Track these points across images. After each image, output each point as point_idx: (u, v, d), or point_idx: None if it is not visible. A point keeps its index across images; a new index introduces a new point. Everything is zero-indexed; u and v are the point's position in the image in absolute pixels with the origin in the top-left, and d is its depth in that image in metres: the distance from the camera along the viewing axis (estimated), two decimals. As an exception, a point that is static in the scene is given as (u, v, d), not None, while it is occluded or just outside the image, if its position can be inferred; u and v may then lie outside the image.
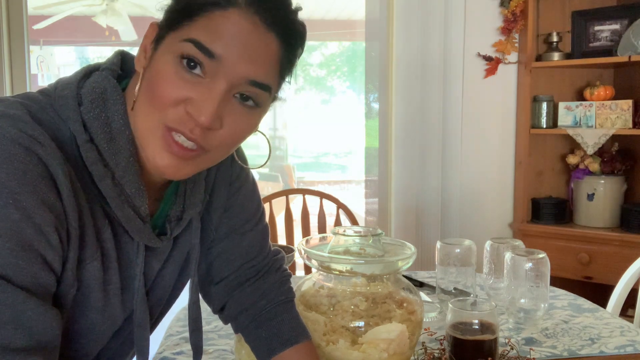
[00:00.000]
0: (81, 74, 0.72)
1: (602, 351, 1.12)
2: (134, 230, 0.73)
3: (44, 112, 0.67)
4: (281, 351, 0.86)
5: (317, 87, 6.00)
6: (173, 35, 0.67)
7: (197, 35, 0.65)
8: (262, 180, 5.32)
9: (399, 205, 2.60)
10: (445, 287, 1.36)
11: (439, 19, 2.52)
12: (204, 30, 0.65)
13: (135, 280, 0.77)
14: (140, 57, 0.71)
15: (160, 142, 0.68)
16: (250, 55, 0.66)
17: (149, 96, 0.67)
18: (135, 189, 0.71)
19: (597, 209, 2.46)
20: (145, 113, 0.68)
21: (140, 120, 0.69)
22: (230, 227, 0.90)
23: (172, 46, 0.67)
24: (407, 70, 2.54)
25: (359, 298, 0.96)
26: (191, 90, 0.66)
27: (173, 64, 0.66)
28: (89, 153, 0.67)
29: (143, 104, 0.68)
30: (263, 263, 0.93)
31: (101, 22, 3.79)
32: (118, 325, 0.79)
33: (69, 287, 0.67)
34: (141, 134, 0.69)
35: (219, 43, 0.65)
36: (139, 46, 0.73)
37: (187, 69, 0.66)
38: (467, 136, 2.65)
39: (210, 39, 0.65)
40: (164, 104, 0.66)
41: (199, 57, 0.65)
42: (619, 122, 2.36)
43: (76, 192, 0.65)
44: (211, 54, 0.65)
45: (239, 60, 0.66)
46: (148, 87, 0.68)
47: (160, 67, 0.67)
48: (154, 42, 0.70)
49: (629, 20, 2.40)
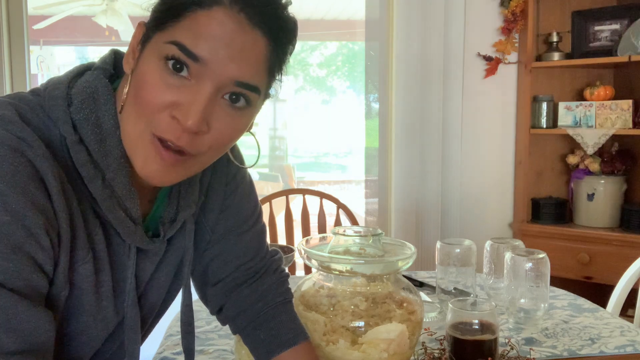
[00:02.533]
0: (73, 73, 0.72)
1: (602, 351, 1.12)
2: (125, 233, 0.72)
3: (33, 112, 0.66)
4: (279, 353, 0.86)
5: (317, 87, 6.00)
6: (159, 36, 0.66)
7: (181, 38, 0.64)
8: (262, 180, 5.33)
9: (399, 205, 2.60)
10: (445, 287, 1.36)
11: (439, 19, 2.52)
12: (188, 31, 0.64)
13: (126, 282, 0.76)
14: (128, 58, 0.70)
15: (149, 149, 0.66)
16: (236, 55, 0.65)
17: (136, 101, 0.66)
18: (126, 190, 0.70)
19: (597, 209, 2.46)
20: (132, 118, 0.67)
21: (128, 125, 0.68)
22: (227, 228, 0.89)
23: (157, 48, 0.66)
24: (407, 70, 2.53)
25: (359, 298, 0.96)
26: (176, 94, 0.64)
27: (158, 67, 0.65)
28: (78, 154, 0.67)
29: (131, 108, 0.67)
30: (261, 264, 0.92)
31: (101, 22, 3.78)
32: (111, 328, 0.78)
33: (60, 289, 0.66)
34: (129, 139, 0.68)
35: (204, 45, 0.64)
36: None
37: (173, 71, 0.65)
38: (467, 136, 2.65)
39: (194, 41, 0.64)
40: (150, 110, 0.65)
41: (184, 59, 0.64)
42: (619, 122, 2.36)
43: (66, 193, 0.65)
44: (196, 58, 0.64)
45: (225, 61, 0.64)
46: (135, 90, 0.66)
47: (145, 70, 0.66)
48: (141, 42, 0.69)
49: (629, 20, 2.40)
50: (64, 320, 0.70)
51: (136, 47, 0.69)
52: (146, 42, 0.68)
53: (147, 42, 0.68)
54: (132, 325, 0.78)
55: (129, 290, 0.76)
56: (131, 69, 0.69)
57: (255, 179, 0.95)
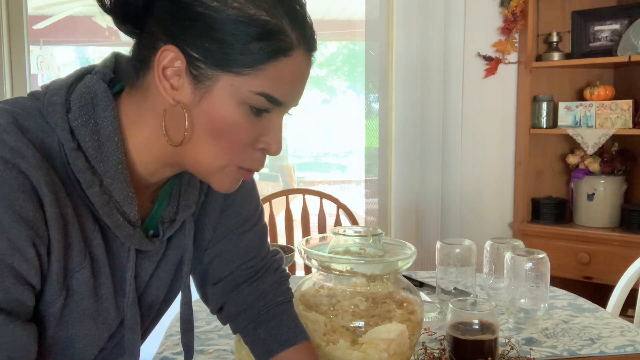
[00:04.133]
0: (74, 77, 0.71)
1: (602, 351, 1.12)
2: (124, 236, 0.72)
3: (31, 118, 0.66)
4: (279, 352, 0.86)
5: (317, 87, 6.00)
6: (235, 80, 0.66)
7: (269, 90, 0.67)
8: (262, 180, 5.32)
9: (399, 205, 2.60)
10: (445, 287, 1.36)
11: (439, 19, 2.52)
12: (273, 81, 0.67)
13: (127, 283, 0.76)
14: (165, 86, 0.67)
15: (232, 176, 0.72)
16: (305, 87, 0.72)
17: (217, 139, 0.69)
18: (124, 195, 0.70)
19: (597, 209, 2.46)
20: (213, 153, 0.70)
21: (206, 158, 0.70)
22: (228, 228, 0.89)
23: (239, 94, 0.66)
24: (407, 70, 2.53)
25: (359, 298, 0.96)
26: (260, 129, 0.70)
27: (242, 111, 0.67)
28: (76, 160, 0.66)
29: (206, 144, 0.69)
30: (261, 264, 0.92)
31: (101, 22, 3.78)
32: (113, 329, 0.78)
33: (55, 297, 0.66)
34: (208, 169, 0.71)
35: (287, 91, 0.69)
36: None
37: (257, 112, 0.68)
38: (467, 136, 2.65)
39: (280, 90, 0.68)
40: (238, 149, 0.70)
41: (268, 106, 0.68)
42: (619, 122, 2.36)
43: (61, 202, 0.65)
44: (280, 103, 0.69)
45: (299, 96, 0.72)
46: (211, 129, 0.68)
47: (225, 111, 0.67)
48: (191, 75, 0.66)
49: (629, 20, 2.40)
50: (65, 325, 0.70)
51: (173, 77, 0.67)
52: (210, 80, 0.66)
53: (211, 80, 0.66)
54: (131, 325, 0.78)
55: (129, 291, 0.76)
56: (176, 100, 0.67)
57: (255, 179, 0.95)
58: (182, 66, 0.67)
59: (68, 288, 0.68)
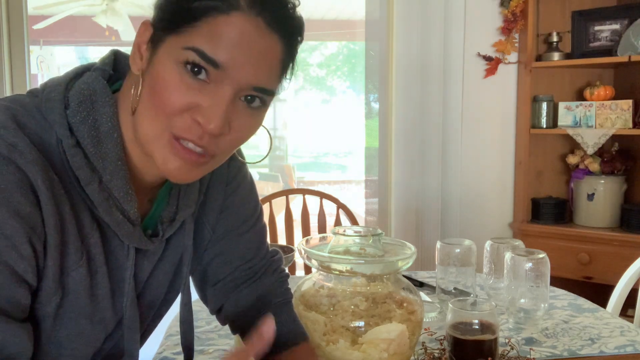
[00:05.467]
0: (72, 74, 0.71)
1: (602, 351, 1.12)
2: (124, 234, 0.72)
3: (29, 115, 0.66)
4: (279, 353, 0.85)
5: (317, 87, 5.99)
6: (174, 40, 0.65)
7: (199, 44, 0.64)
8: (262, 180, 5.32)
9: (399, 205, 2.60)
10: (445, 287, 1.36)
11: (439, 19, 2.52)
12: (206, 37, 0.64)
13: (125, 283, 0.76)
14: (135, 58, 0.69)
15: (168, 148, 0.67)
16: (255, 61, 0.65)
17: (154, 102, 0.66)
18: (123, 192, 0.70)
19: (597, 209, 2.46)
20: (150, 119, 0.67)
21: (145, 126, 0.67)
22: (227, 228, 0.89)
23: (174, 52, 0.65)
24: (407, 70, 2.53)
25: (359, 298, 0.96)
26: (197, 96, 0.65)
27: (177, 70, 0.65)
28: (75, 157, 0.66)
29: (146, 110, 0.67)
30: (260, 264, 0.92)
31: (101, 22, 3.78)
32: (110, 329, 0.78)
33: (51, 295, 0.66)
34: (146, 139, 0.68)
35: (223, 51, 0.64)
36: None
37: (192, 74, 0.65)
38: (467, 136, 2.65)
39: (213, 48, 0.64)
40: (170, 112, 0.65)
41: (203, 65, 0.64)
42: (619, 122, 2.36)
43: (58, 199, 0.64)
44: (215, 64, 0.64)
45: (244, 66, 0.65)
46: (151, 92, 0.66)
47: (163, 72, 0.65)
48: (151, 43, 0.68)
49: (629, 20, 2.40)
50: (61, 324, 0.70)
51: (143, 47, 0.69)
52: (158, 44, 0.67)
53: (159, 43, 0.67)
54: (131, 325, 0.78)
55: (128, 291, 0.76)
56: (140, 69, 0.68)
57: (255, 179, 0.95)
58: (148, 36, 0.68)
59: (64, 287, 0.67)
